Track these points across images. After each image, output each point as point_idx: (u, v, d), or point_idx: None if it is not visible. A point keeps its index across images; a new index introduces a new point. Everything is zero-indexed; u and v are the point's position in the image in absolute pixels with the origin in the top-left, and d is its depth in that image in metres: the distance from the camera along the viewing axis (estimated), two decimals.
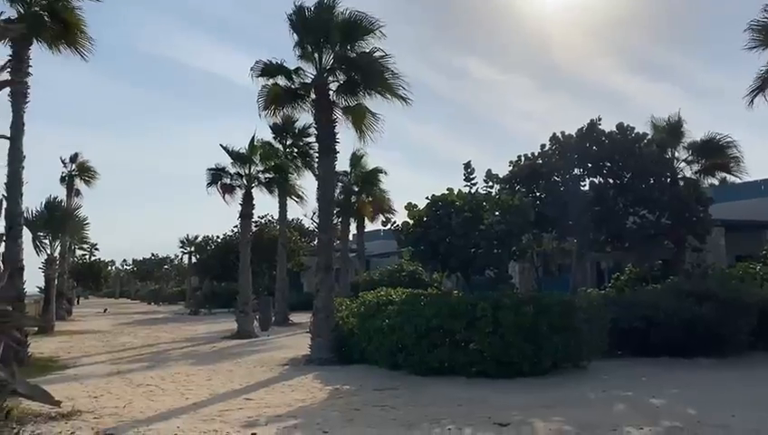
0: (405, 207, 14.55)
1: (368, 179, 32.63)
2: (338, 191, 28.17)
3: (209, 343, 19.60)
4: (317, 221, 16.36)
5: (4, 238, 3.44)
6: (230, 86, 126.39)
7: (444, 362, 11.26)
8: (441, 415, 8.09)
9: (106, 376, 12.36)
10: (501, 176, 17.60)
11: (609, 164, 18.19)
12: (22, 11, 14.86)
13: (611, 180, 18.30)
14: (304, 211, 49.15)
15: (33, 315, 23.48)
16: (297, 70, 15.45)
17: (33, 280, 34.68)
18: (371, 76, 14.67)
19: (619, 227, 18.08)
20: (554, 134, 18.86)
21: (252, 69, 15.62)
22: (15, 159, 14.23)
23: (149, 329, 27.09)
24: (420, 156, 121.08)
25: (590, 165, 18.32)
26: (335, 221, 23.04)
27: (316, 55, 15.02)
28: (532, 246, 17.41)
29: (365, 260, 37.91)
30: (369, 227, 36.38)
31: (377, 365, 12.47)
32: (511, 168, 18.74)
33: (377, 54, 14.63)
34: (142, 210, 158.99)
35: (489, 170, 15.61)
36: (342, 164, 29.79)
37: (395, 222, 15.34)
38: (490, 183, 15.41)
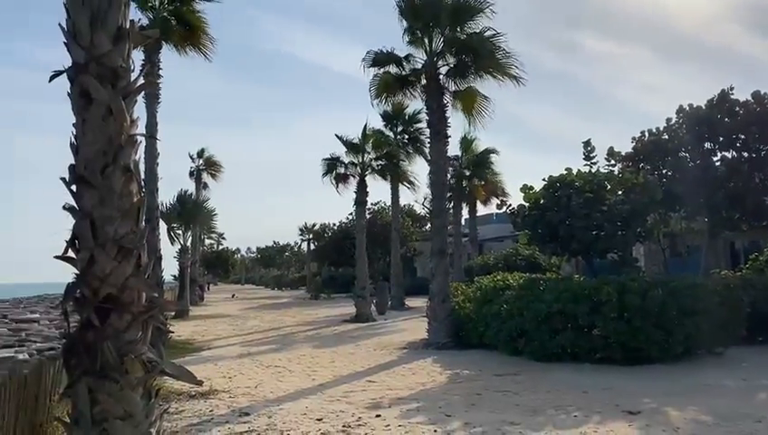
0: (520, 189, 14.26)
1: (479, 162, 32.14)
2: (449, 176, 28.01)
3: (330, 327, 20.26)
4: (429, 207, 16.38)
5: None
6: (342, 78, 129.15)
7: (566, 348, 10.98)
8: (566, 401, 7.89)
9: (237, 358, 13.13)
10: (623, 153, 16.77)
11: (743, 137, 16.82)
12: (152, 17, 15.96)
13: (746, 154, 16.91)
14: (416, 197, 49.52)
15: (172, 300, 25.40)
16: (407, 57, 15.53)
17: (168, 269, 37.35)
18: (483, 57, 14.42)
19: (757, 203, 16.70)
20: (681, 106, 17.68)
21: (363, 59, 15.91)
22: (151, 156, 15.39)
23: (274, 313, 28.43)
24: (533, 137, 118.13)
25: (721, 138, 17.03)
26: (447, 206, 22.96)
27: (426, 40, 15.00)
28: (659, 226, 16.49)
29: (478, 244, 37.53)
30: (482, 210, 35.97)
31: (495, 350, 12.37)
32: (634, 144, 17.78)
33: (487, 34, 14.38)
34: (264, 200, 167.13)
35: (611, 148, 14.99)
36: (453, 148, 29.62)
37: (510, 205, 15.06)
38: (612, 161, 14.80)
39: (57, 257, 3.54)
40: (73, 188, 3.53)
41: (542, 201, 13.75)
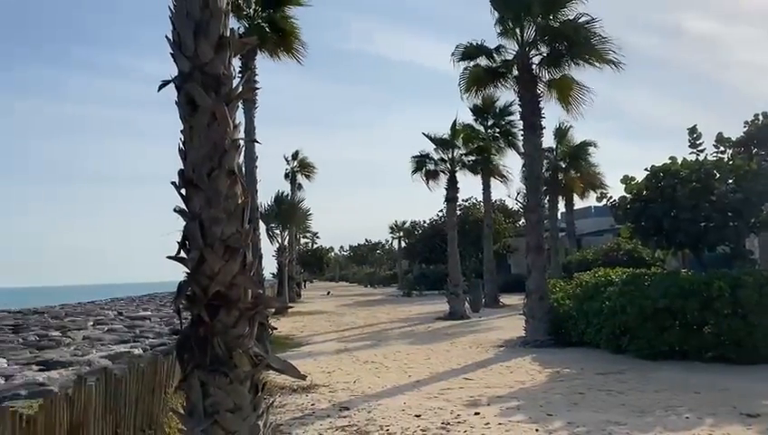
0: (621, 180, 13.70)
1: (576, 154, 31.10)
2: (544, 168, 27.26)
3: (424, 324, 20.29)
4: (522, 201, 16.05)
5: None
6: (430, 74, 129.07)
7: (674, 346, 10.43)
8: (675, 402, 7.50)
9: (335, 353, 13.42)
10: (734, 139, 15.70)
11: None
12: (247, 25, 16.54)
13: None
14: (508, 192, 48.63)
15: (275, 297, 26.36)
16: (498, 48, 15.35)
17: (268, 267, 38.75)
18: (578, 44, 13.98)
19: None
20: None
21: (453, 53, 15.84)
22: (250, 159, 15.98)
23: (368, 310, 28.83)
24: (633, 125, 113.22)
25: None
26: (543, 200, 22.40)
27: (517, 30, 14.74)
28: None
29: (575, 239, 36.34)
30: (579, 204, 34.81)
31: (597, 348, 11.97)
32: (746, 129, 16.61)
33: (582, 20, 13.91)
34: (356, 198, 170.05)
35: (720, 134, 14.07)
36: (547, 139, 28.79)
37: (611, 197, 14.50)
38: (721, 148, 13.86)
39: (170, 258, 3.72)
40: (182, 191, 3.70)
41: (644, 192, 13.14)
